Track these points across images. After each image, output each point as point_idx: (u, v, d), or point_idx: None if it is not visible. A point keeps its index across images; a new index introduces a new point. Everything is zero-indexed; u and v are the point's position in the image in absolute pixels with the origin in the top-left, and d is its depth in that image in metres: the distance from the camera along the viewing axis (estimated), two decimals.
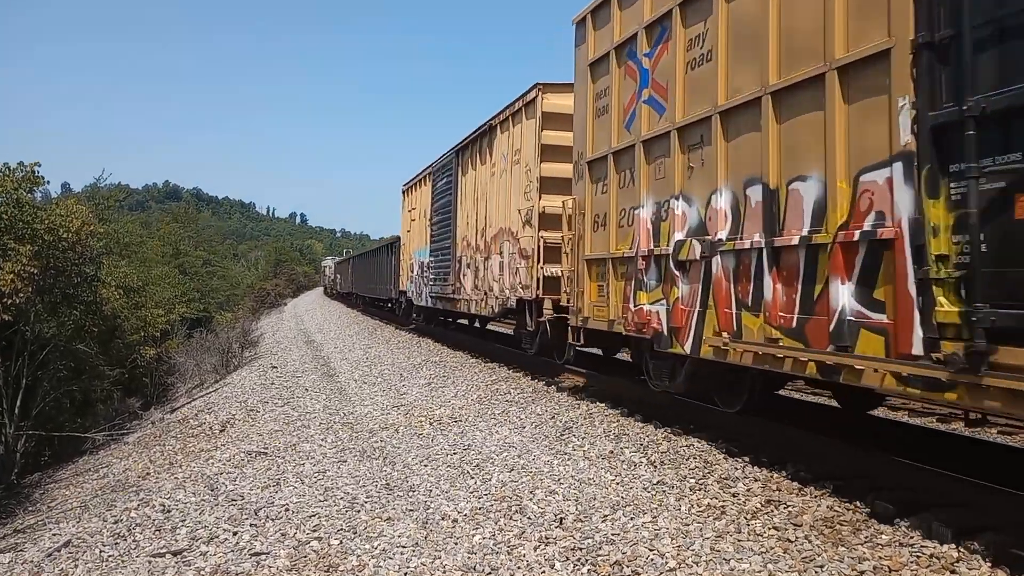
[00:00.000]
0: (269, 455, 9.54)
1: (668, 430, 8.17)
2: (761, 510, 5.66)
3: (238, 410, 13.85)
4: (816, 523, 5.27)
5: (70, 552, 7.52)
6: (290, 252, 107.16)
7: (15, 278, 15.11)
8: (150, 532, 7.31)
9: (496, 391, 11.87)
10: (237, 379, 19.25)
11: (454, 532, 5.92)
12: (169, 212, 61.00)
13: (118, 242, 27.32)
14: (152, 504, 8.31)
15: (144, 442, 14.56)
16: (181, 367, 26.19)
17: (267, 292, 66.83)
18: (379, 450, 8.97)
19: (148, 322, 25.18)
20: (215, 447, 11.10)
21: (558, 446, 8.19)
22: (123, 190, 43.20)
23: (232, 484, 8.42)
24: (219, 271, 52.18)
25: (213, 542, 6.52)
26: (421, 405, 11.51)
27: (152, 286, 28.20)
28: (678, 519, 5.65)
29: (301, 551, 5.91)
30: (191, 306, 33.71)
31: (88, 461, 15.53)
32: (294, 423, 11.46)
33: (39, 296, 17.21)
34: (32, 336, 17.39)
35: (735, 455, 7.01)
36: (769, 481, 6.26)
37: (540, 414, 9.85)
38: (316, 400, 13.22)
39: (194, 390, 22.09)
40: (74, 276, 18.69)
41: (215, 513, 7.40)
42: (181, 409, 17.96)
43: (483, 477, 7.32)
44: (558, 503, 6.30)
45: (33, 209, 17.13)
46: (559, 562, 5.11)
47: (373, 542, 5.89)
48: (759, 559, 4.78)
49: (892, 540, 4.85)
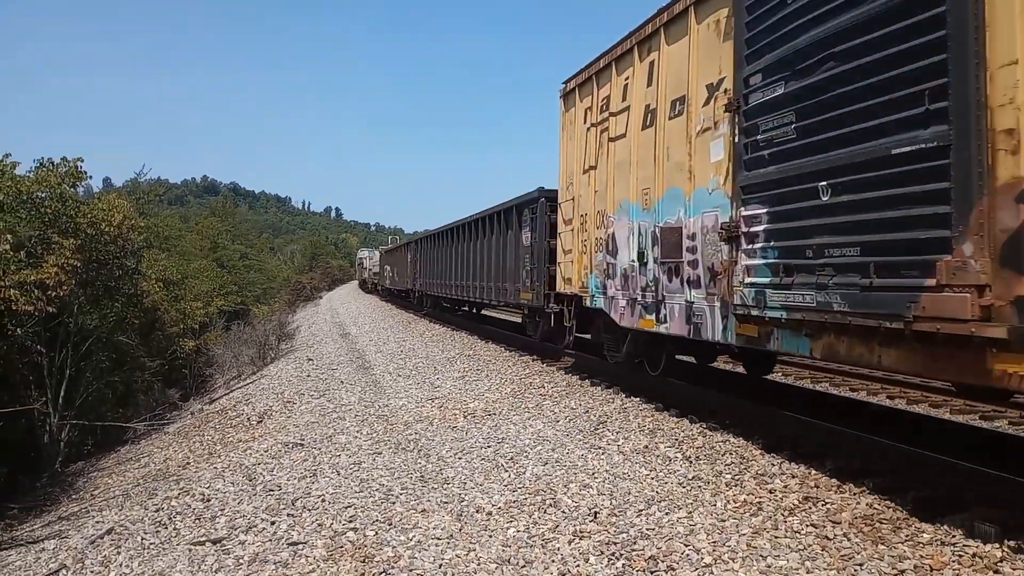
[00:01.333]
0: (306, 447, 9.65)
1: (704, 425, 8.11)
2: (799, 507, 5.59)
3: (275, 402, 14.03)
4: (855, 520, 5.19)
5: (112, 539, 7.69)
6: (325, 246, 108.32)
7: (59, 271, 15.48)
8: (190, 521, 7.45)
9: (530, 384, 11.87)
10: (274, 371, 19.50)
11: (488, 525, 5.94)
12: (207, 206, 62.03)
13: (158, 236, 27.88)
14: (192, 493, 8.46)
15: (184, 432, 14.83)
16: (219, 359, 26.62)
17: (303, 285, 67.44)
18: (414, 443, 9.02)
19: (187, 314, 25.66)
20: (253, 438, 11.26)
21: (592, 440, 8.17)
22: (162, 185, 44.09)
23: (270, 475, 8.53)
24: (256, 264, 52.95)
25: (252, 531, 6.62)
26: (455, 398, 11.55)
27: (191, 279, 28.72)
28: (714, 515, 5.60)
29: (337, 541, 5.97)
30: (229, 299, 34.21)
31: (130, 450, 15.87)
32: (330, 415, 11.58)
33: (82, 288, 17.61)
34: (75, 328, 17.81)
35: (772, 451, 6.94)
36: (807, 478, 6.18)
37: (574, 408, 9.83)
38: (351, 392, 13.35)
39: (232, 382, 22.43)
40: (115, 269, 19.11)
41: (253, 503, 7.51)
42: (220, 400, 18.27)
43: (517, 471, 7.33)
44: (592, 497, 6.29)
45: (76, 204, 17.56)
46: (593, 556, 5.10)
47: (408, 534, 5.93)
48: (796, 556, 4.72)
49: (933, 539, 4.76)
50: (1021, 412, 9.38)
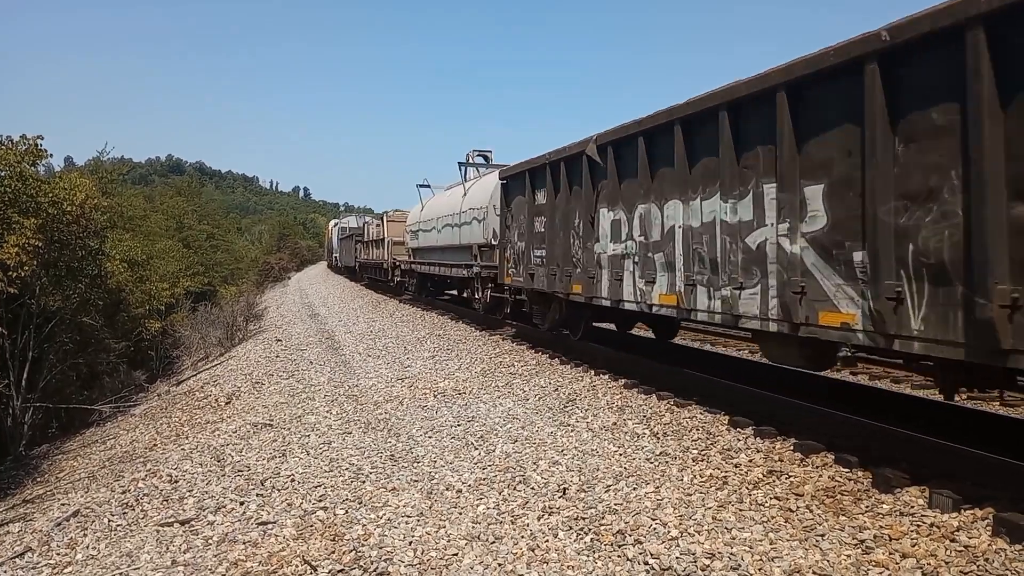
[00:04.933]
0: (275, 427, 9.61)
1: (671, 402, 8.21)
2: (763, 480, 5.70)
3: (244, 383, 13.93)
4: (817, 493, 5.31)
5: (79, 521, 7.61)
6: (294, 226, 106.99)
7: (20, 251, 15.19)
8: (158, 502, 7.39)
9: (500, 364, 11.91)
10: (242, 352, 19.33)
11: (458, 502, 5.98)
12: (172, 186, 60.71)
13: (122, 216, 27.31)
14: (159, 475, 8.39)
15: (150, 414, 14.67)
16: (186, 340, 26.27)
17: (271, 266, 66.73)
18: (384, 422, 9.02)
19: (153, 295, 25.24)
20: (221, 419, 11.18)
21: (561, 418, 8.24)
22: (126, 163, 43.15)
23: (238, 455, 8.49)
24: (223, 245, 52.03)
25: (220, 511, 6.59)
26: (425, 377, 11.56)
27: (156, 260, 28.24)
28: (680, 489, 5.69)
29: (307, 520, 5.97)
30: (195, 280, 33.69)
31: (95, 433, 15.67)
32: (299, 395, 11.53)
33: (44, 269, 17.27)
34: (37, 309, 17.47)
35: (738, 427, 7.05)
36: (771, 452, 6.29)
37: (544, 386, 9.89)
38: (321, 373, 13.28)
39: (199, 363, 22.21)
40: (78, 249, 18.75)
41: (222, 483, 7.47)
42: (187, 382, 18.08)
43: (487, 448, 7.37)
44: (561, 474, 6.35)
45: (37, 182, 17.15)
46: (563, 531, 5.16)
47: (378, 512, 5.95)
48: (760, 528, 4.82)
49: (893, 510, 4.89)
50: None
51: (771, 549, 4.52)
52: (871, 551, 4.37)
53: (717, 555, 4.51)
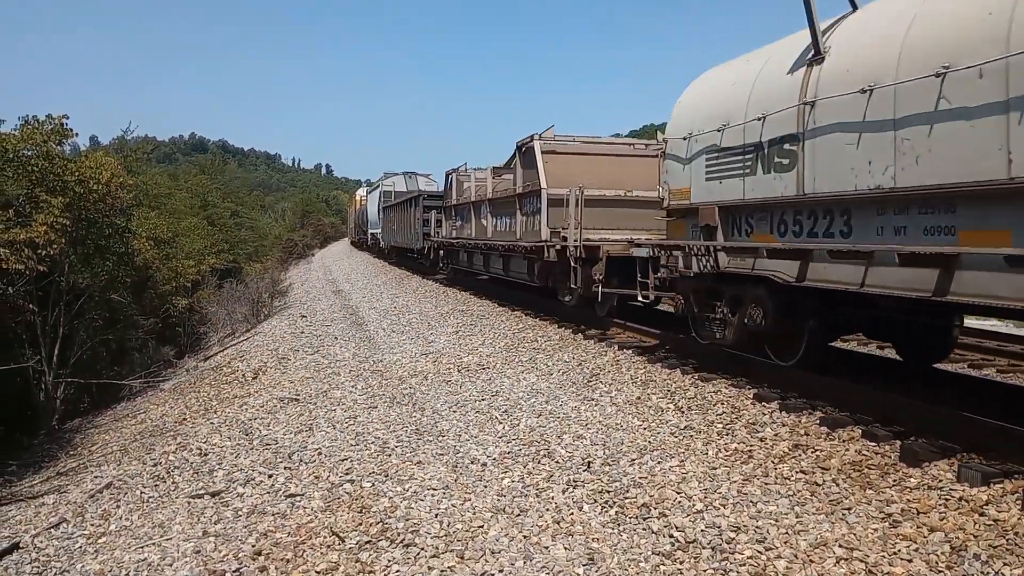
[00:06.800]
0: (301, 401, 9.71)
1: (696, 376, 8.19)
2: (789, 454, 5.68)
3: (270, 358, 14.07)
4: (844, 467, 5.28)
5: (112, 493, 7.77)
6: (316, 203, 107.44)
7: (48, 229, 15.39)
8: (188, 474, 7.52)
9: (523, 339, 11.93)
10: (268, 328, 19.51)
11: (483, 475, 6.02)
12: (196, 164, 60.95)
13: (147, 194, 27.59)
14: (189, 448, 8.53)
15: (179, 389, 14.88)
16: (213, 317, 26.53)
17: (295, 243, 67.08)
18: (409, 396, 9.09)
19: (179, 273, 25.53)
20: (248, 394, 11.31)
21: (585, 392, 8.25)
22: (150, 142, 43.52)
23: (266, 429, 8.60)
24: (247, 222, 52.41)
25: (249, 484, 6.69)
26: (449, 353, 11.61)
27: (182, 237, 28.51)
28: (705, 463, 5.69)
29: (334, 493, 6.05)
30: (220, 257, 33.94)
31: (126, 407, 15.93)
32: (325, 370, 11.63)
33: (72, 247, 17.49)
34: (67, 286, 17.73)
35: (763, 401, 7.02)
36: (797, 426, 6.27)
37: (567, 361, 9.90)
38: (346, 348, 13.39)
39: (226, 339, 22.45)
40: (105, 227, 18.95)
41: (250, 457, 7.58)
42: (214, 357, 18.30)
43: (511, 422, 7.41)
44: (586, 447, 6.37)
45: (63, 162, 17.32)
46: (587, 504, 5.18)
47: (404, 485, 6.01)
48: (786, 502, 4.82)
49: (920, 483, 4.86)
50: (1010, 360, 9.49)
51: (797, 523, 4.51)
52: (898, 525, 4.35)
53: (743, 528, 4.52)
